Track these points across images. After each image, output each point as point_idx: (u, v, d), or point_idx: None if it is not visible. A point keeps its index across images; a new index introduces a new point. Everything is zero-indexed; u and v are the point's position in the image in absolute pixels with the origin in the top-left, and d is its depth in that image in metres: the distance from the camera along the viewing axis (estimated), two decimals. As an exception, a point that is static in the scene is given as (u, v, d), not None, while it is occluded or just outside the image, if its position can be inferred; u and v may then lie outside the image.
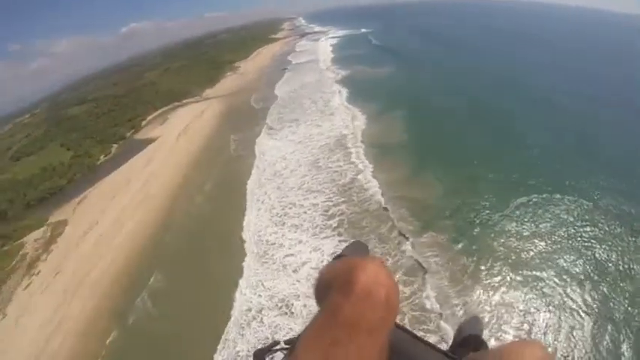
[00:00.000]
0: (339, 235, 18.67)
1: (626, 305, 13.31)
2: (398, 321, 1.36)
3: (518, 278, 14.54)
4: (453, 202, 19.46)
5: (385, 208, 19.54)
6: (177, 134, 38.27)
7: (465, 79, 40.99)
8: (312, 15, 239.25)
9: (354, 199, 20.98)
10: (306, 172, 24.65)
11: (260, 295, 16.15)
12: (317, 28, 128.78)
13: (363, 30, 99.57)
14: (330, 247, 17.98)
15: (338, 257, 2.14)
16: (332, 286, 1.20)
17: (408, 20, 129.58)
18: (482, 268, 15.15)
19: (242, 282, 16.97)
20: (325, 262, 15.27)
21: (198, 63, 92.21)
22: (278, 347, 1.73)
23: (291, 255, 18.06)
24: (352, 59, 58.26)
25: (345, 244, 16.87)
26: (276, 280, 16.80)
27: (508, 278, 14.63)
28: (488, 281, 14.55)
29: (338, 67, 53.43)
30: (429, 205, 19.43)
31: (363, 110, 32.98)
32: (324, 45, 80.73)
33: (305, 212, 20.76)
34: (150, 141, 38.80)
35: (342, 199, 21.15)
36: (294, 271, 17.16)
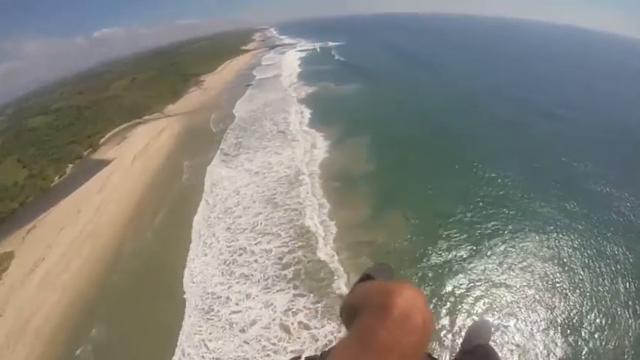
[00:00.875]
0: (295, 287, 16.73)
1: None
2: None
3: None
4: (416, 246, 18.06)
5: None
6: (133, 157, 36.82)
7: (431, 99, 40.62)
8: (284, 26, 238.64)
9: (312, 244, 19.06)
10: (261, 209, 22.69)
11: (203, 358, 14.58)
12: (287, 40, 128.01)
13: (332, 43, 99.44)
14: (284, 302, 16.11)
15: (365, 278, 2.06)
16: (365, 308, 1.17)
17: (379, 34, 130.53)
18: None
19: (184, 338, 15.43)
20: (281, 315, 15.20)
21: (165, 74, 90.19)
22: None
23: (239, 312, 16.16)
24: (318, 75, 57.65)
25: (294, 298, 15.23)
26: (221, 341, 15.09)
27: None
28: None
29: (303, 84, 52.55)
30: (392, 251, 18.00)
31: (326, 135, 31.82)
32: (292, 59, 79.76)
33: (256, 260, 18.74)
34: (105, 163, 37.12)
35: (299, 243, 19.21)
36: (242, 330, 15.35)
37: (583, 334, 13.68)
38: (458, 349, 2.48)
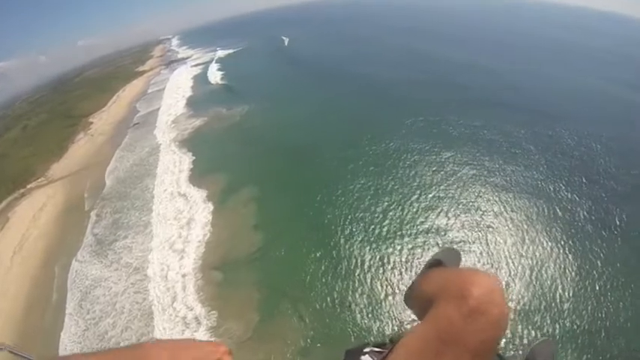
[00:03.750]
0: None
1: None
2: None
3: None
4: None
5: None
6: (13, 252, 30.88)
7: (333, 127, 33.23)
8: (187, 33, 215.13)
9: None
10: (142, 328, 18.15)
11: None
12: (186, 52, 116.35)
13: (227, 52, 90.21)
14: None
15: (435, 264, 1.95)
16: (441, 297, 1.12)
17: (289, 29, 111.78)
18: None
19: None
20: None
21: (55, 118, 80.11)
22: (367, 350, 1.53)
23: None
24: (212, 96, 51.36)
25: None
26: None
27: None
28: None
29: (191, 114, 45.73)
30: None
31: (209, 193, 26.47)
32: (181, 79, 69.82)
33: None
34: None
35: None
36: None
37: None
38: None
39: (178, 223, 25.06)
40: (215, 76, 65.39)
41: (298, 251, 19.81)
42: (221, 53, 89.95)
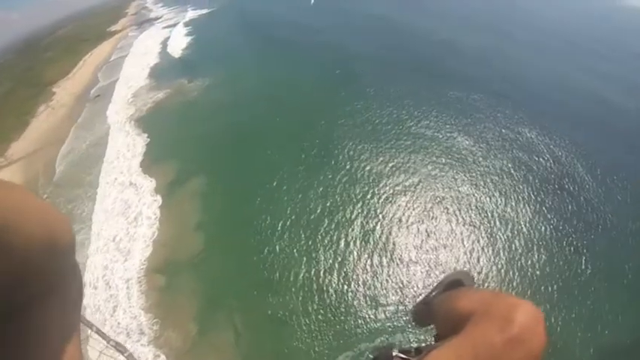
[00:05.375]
0: None
1: None
2: None
3: None
4: None
5: None
6: None
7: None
8: None
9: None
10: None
11: None
12: (159, 12, 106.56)
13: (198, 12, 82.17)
14: None
15: (455, 284, 1.95)
16: (480, 316, 1.10)
17: None
18: None
19: None
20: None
21: (20, 85, 75.04)
22: (395, 353, 1.46)
23: None
24: (178, 66, 46.97)
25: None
26: None
27: None
28: None
29: (153, 86, 42.29)
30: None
31: (159, 183, 24.86)
32: (148, 45, 64.24)
33: None
34: None
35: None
36: None
37: None
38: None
39: (126, 219, 23.59)
40: (181, 42, 60.11)
41: (238, 256, 18.69)
42: (192, 14, 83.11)
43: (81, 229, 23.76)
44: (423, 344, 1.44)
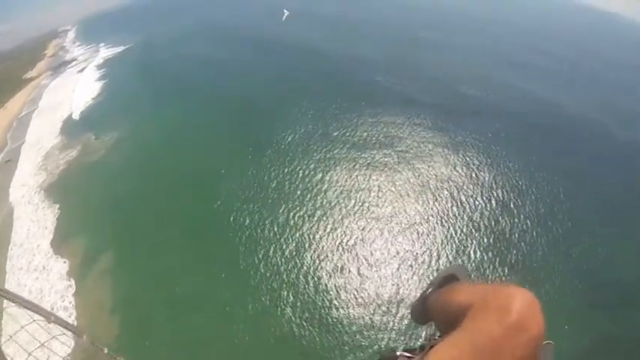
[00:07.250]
0: None
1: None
2: None
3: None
4: None
5: None
6: None
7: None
8: (92, 20, 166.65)
9: None
10: None
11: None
12: (75, 52, 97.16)
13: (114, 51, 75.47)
14: None
15: (450, 278, 1.96)
16: (477, 308, 1.09)
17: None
18: None
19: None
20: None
21: None
22: (399, 353, 1.53)
23: None
24: (87, 120, 42.76)
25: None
26: None
27: None
28: None
29: (64, 144, 38.45)
30: None
31: (72, 264, 22.91)
32: (63, 93, 58.05)
33: None
34: None
35: None
36: None
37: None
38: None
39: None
40: (91, 89, 55.23)
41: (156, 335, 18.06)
42: (105, 53, 77.46)
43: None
44: (427, 342, 1.42)
